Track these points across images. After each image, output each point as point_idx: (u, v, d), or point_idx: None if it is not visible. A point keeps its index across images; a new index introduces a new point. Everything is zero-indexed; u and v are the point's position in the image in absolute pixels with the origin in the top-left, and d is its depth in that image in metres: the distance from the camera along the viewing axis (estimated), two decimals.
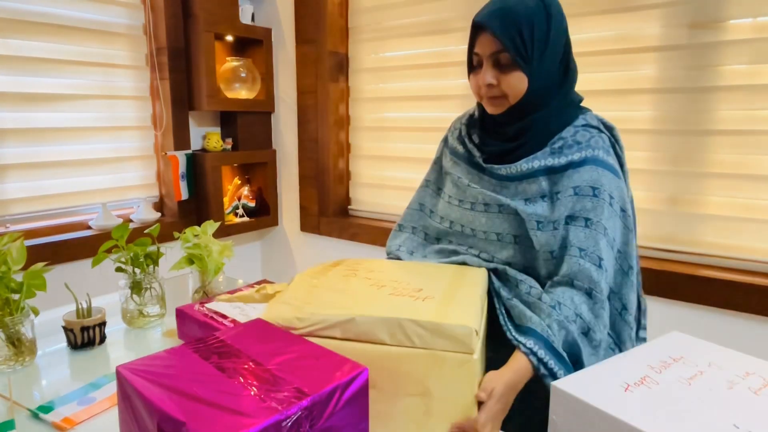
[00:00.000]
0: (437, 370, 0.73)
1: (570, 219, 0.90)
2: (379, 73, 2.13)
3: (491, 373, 0.78)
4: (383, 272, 0.93)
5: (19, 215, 1.77)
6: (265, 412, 0.53)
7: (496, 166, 0.97)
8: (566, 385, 0.61)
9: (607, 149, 0.94)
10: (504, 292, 0.93)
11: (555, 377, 0.79)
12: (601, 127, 0.98)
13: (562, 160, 0.92)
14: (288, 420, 0.53)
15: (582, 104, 1.03)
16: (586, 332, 0.86)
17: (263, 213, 2.43)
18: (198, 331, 1.00)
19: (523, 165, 0.94)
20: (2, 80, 1.69)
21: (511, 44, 0.87)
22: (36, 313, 0.99)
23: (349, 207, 2.34)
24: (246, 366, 0.63)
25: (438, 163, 1.14)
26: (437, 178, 1.14)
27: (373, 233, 2.11)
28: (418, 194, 1.17)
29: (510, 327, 0.88)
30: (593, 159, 0.91)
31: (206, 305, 1.06)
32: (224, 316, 1.00)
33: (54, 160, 1.83)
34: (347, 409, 0.60)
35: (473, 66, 0.96)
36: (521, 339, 0.83)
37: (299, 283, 0.90)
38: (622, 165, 0.99)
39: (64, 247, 1.78)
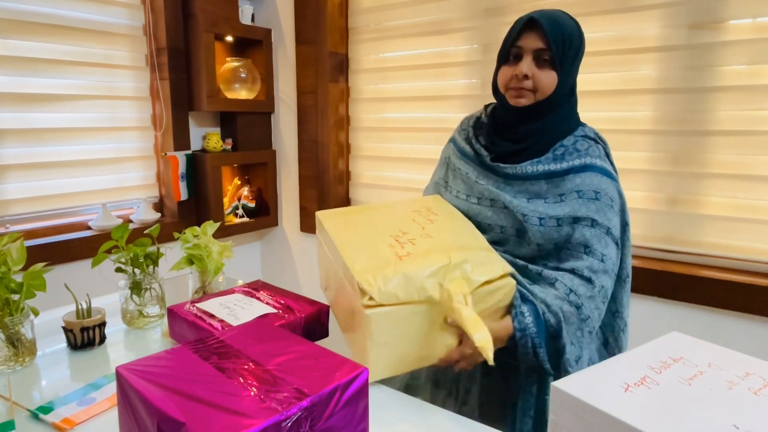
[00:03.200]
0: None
1: (576, 220, 0.97)
2: (379, 74, 2.13)
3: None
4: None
5: (19, 215, 1.77)
6: (265, 413, 0.53)
7: (503, 165, 1.04)
8: (566, 385, 0.61)
9: (603, 158, 1.03)
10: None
11: (527, 336, 0.93)
12: (597, 139, 1.06)
13: (564, 165, 1.00)
14: (288, 420, 0.53)
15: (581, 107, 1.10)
16: (579, 306, 0.94)
17: (263, 213, 2.43)
18: (188, 331, 1.00)
19: (528, 167, 1.01)
20: (2, 80, 1.69)
21: (556, 46, 0.96)
22: (36, 313, 0.99)
23: None
24: (246, 366, 0.63)
25: (445, 161, 1.20)
26: (446, 174, 1.20)
27: None
28: (433, 189, 1.22)
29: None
30: (593, 166, 0.99)
31: (197, 305, 1.05)
32: (213, 316, 1.00)
33: (54, 160, 1.83)
34: (347, 410, 0.60)
35: (507, 59, 1.02)
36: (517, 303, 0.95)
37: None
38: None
39: (63, 248, 1.78)
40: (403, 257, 0.92)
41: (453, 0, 1.87)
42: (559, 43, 0.96)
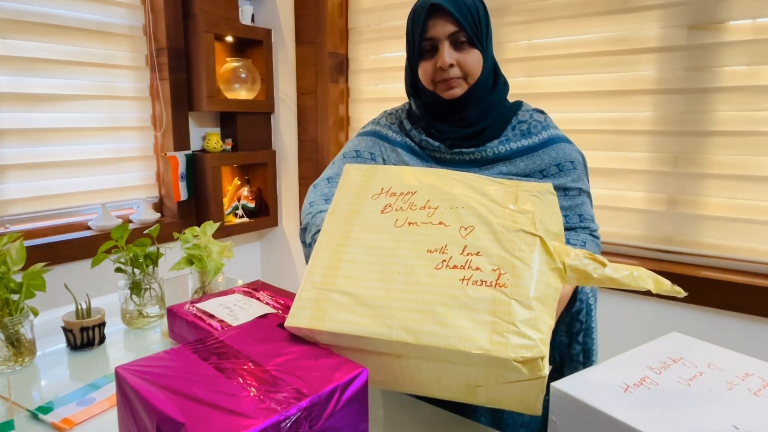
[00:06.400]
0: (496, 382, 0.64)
1: (564, 191, 0.98)
2: (379, 74, 2.13)
3: None
4: (431, 203, 0.77)
5: (19, 215, 1.77)
6: (264, 413, 0.53)
7: (466, 150, 0.99)
8: (566, 385, 0.61)
9: (556, 127, 1.03)
10: None
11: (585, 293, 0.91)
12: (542, 110, 1.06)
13: (536, 140, 0.98)
14: (287, 421, 0.53)
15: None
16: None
17: (263, 213, 2.43)
18: (187, 331, 1.00)
19: (500, 147, 0.98)
20: (2, 80, 1.69)
21: (467, 24, 0.92)
22: (35, 313, 0.99)
23: None
24: (245, 367, 0.63)
25: (370, 157, 1.09)
26: None
27: None
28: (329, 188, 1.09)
29: None
30: (558, 137, 1.00)
31: (196, 305, 1.05)
32: (212, 317, 1.00)
33: (54, 160, 1.83)
34: (347, 410, 0.60)
35: (422, 54, 0.97)
36: None
37: (326, 245, 0.76)
38: None
39: (63, 248, 1.78)
40: (500, 281, 0.66)
41: None
42: (469, 19, 0.92)
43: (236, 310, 1.01)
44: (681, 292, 0.64)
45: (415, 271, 0.69)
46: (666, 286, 0.64)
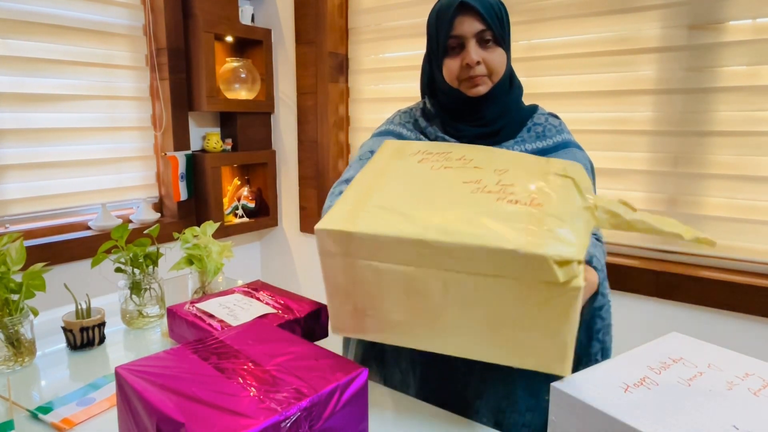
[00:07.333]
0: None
1: None
2: (379, 74, 2.13)
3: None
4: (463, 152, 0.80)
5: (19, 215, 1.77)
6: (264, 413, 0.53)
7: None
8: (566, 385, 0.61)
9: (569, 133, 1.05)
10: None
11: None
12: (556, 115, 1.07)
13: (550, 143, 0.99)
14: (287, 421, 0.53)
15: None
16: (589, 260, 0.92)
17: (263, 213, 2.43)
18: (187, 331, 1.00)
19: (515, 147, 0.98)
20: (2, 80, 1.69)
21: (493, 23, 0.94)
22: (35, 313, 0.99)
23: None
24: (245, 367, 0.63)
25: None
26: None
27: None
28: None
29: None
30: (571, 142, 1.01)
31: (196, 305, 1.05)
32: (212, 317, 1.00)
33: (54, 160, 1.83)
34: (347, 410, 0.60)
35: (447, 52, 0.98)
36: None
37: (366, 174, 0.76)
38: None
39: (63, 248, 1.78)
40: (534, 202, 0.65)
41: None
42: (495, 19, 0.94)
43: (236, 310, 1.01)
44: (712, 243, 0.63)
45: (451, 193, 0.69)
46: (697, 234, 0.63)
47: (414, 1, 1.97)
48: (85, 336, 1.04)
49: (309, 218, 2.34)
